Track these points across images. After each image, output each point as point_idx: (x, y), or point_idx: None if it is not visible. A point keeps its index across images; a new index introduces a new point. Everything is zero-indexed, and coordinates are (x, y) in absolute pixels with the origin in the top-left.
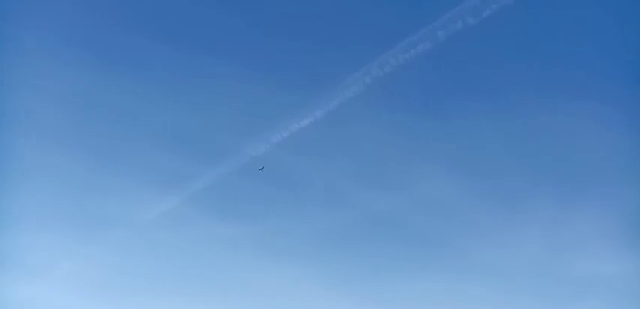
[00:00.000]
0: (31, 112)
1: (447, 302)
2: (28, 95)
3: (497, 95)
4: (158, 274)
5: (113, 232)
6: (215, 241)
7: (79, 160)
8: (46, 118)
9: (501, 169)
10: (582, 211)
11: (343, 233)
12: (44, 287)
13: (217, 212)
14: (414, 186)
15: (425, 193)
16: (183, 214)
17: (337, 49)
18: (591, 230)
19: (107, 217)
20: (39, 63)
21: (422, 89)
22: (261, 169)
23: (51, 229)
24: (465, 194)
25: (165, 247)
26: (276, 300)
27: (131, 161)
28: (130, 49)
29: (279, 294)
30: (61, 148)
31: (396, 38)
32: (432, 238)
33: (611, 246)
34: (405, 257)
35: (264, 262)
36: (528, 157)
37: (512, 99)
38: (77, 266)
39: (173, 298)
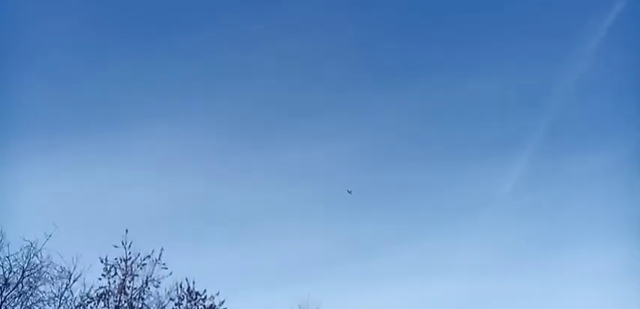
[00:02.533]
0: None
1: None
2: None
3: None
4: (539, 238)
5: (485, 213)
6: (577, 181)
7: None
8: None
9: None
10: None
11: None
12: (446, 283)
13: (566, 152)
14: None
15: None
16: (535, 169)
17: None
18: None
19: (472, 203)
20: None
21: None
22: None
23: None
24: None
25: (535, 207)
26: None
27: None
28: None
29: None
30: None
31: None
32: None
33: None
34: None
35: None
36: None
37: None
38: (469, 255)
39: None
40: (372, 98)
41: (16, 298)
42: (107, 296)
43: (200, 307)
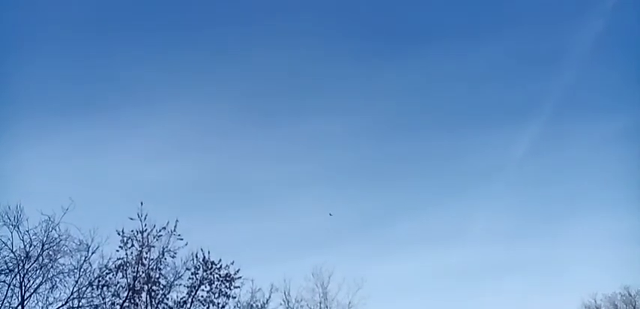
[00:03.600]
0: None
1: None
2: None
3: None
4: (552, 202)
5: (499, 178)
6: (591, 145)
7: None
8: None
9: None
10: None
11: None
12: (463, 249)
13: (580, 116)
14: None
15: None
16: (549, 134)
17: None
18: None
19: (486, 169)
20: None
21: None
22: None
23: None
24: None
25: (549, 172)
26: None
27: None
28: None
29: None
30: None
31: None
32: None
33: None
34: None
35: None
36: None
37: None
38: (484, 221)
39: (587, 211)
40: (386, 67)
41: (38, 270)
42: (125, 267)
43: (215, 276)
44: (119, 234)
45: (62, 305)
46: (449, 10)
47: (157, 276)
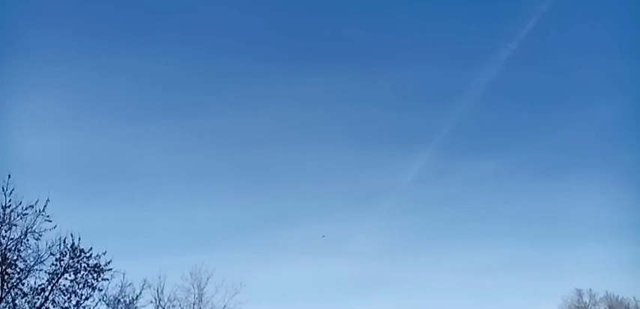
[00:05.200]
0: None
1: None
2: None
3: None
4: (434, 224)
5: (385, 199)
6: (470, 181)
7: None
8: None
9: None
10: None
11: None
12: (345, 262)
13: (464, 153)
14: None
15: None
16: (435, 165)
17: None
18: None
19: (375, 189)
20: None
21: None
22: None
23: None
24: None
25: (431, 201)
26: None
27: (371, 136)
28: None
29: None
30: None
31: None
32: None
33: None
34: None
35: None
36: None
37: None
38: (367, 238)
39: (457, 240)
40: (300, 74)
41: None
42: None
43: (83, 264)
44: None
45: None
46: (359, 30)
47: (15, 258)
